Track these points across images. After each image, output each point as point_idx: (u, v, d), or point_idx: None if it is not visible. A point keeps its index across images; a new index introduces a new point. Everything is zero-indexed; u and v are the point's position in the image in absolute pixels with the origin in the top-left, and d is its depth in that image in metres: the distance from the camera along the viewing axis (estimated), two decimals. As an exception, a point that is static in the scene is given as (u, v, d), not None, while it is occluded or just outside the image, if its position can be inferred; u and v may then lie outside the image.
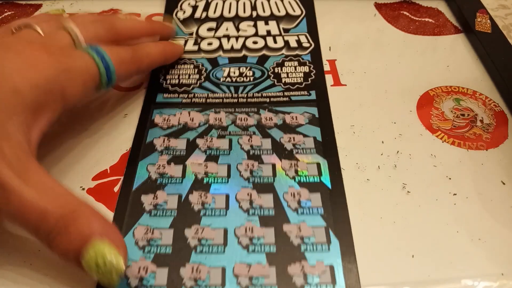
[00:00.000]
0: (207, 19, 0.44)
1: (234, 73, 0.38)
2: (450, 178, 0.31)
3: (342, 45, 0.42)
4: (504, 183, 0.31)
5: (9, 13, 0.46)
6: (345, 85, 0.38)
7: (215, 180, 0.30)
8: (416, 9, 0.47)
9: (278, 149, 0.32)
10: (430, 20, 0.46)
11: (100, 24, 0.32)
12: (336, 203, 0.29)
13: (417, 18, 0.46)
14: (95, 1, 0.47)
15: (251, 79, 0.38)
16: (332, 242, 0.27)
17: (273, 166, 0.31)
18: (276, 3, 0.45)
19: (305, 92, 0.36)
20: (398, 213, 0.29)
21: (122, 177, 0.30)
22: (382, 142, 0.33)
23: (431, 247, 0.27)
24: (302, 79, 0.37)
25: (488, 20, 0.44)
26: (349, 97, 0.37)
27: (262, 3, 0.45)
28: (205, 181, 0.30)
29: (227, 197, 0.29)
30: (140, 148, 0.32)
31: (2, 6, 0.46)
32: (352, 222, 0.28)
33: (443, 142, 0.33)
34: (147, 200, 0.29)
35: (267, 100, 0.36)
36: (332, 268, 0.25)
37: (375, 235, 0.28)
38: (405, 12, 0.47)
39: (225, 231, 0.27)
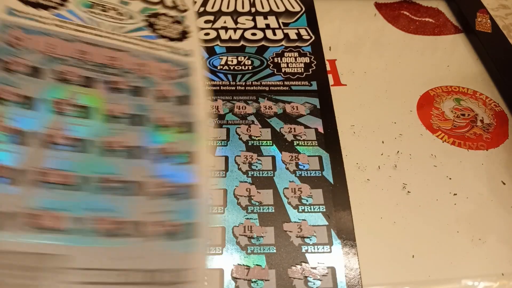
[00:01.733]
0: (205, 12, 0.43)
1: (232, 61, 0.38)
2: (450, 178, 0.31)
3: (342, 45, 0.42)
4: (504, 183, 0.31)
5: (9, 13, 0.46)
6: (345, 85, 0.38)
7: (212, 174, 0.29)
8: (416, 9, 0.47)
9: (278, 140, 0.31)
10: (430, 20, 0.46)
11: None
12: (338, 200, 0.28)
13: (417, 18, 0.46)
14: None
15: (250, 68, 0.37)
16: (334, 243, 0.26)
17: (273, 158, 0.30)
18: (275, 0, 0.45)
19: (306, 83, 0.36)
20: (398, 213, 0.29)
21: None
22: (382, 142, 0.33)
23: (431, 247, 0.27)
24: (302, 69, 0.37)
25: (488, 20, 0.44)
26: (349, 97, 0.37)
27: (261, 0, 0.45)
28: None
29: (225, 192, 0.29)
30: None
31: (2, 6, 0.46)
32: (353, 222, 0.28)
33: (443, 142, 0.33)
34: None
35: (267, 88, 0.35)
36: (333, 270, 0.25)
37: (375, 235, 0.28)
38: (405, 12, 0.47)
39: (223, 230, 0.27)
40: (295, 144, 0.31)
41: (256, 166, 0.30)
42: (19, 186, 0.23)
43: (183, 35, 0.34)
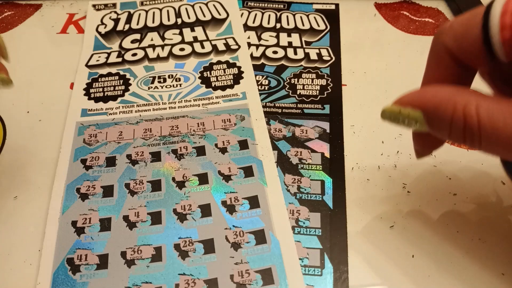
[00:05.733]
0: None
1: None
2: (450, 178, 0.31)
3: (342, 45, 0.42)
4: (504, 183, 0.31)
5: (9, 13, 0.46)
6: (345, 85, 0.38)
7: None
8: (416, 9, 0.47)
9: (283, 163, 0.31)
10: (430, 20, 0.46)
11: None
12: (335, 225, 0.28)
13: (417, 18, 0.46)
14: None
15: (266, 88, 0.37)
16: (326, 267, 0.26)
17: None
18: (301, 17, 0.44)
19: (319, 106, 0.35)
20: (398, 213, 0.29)
21: None
22: (382, 142, 0.33)
23: (431, 247, 0.27)
24: (317, 91, 0.37)
25: (488, 20, 0.43)
26: (349, 97, 0.37)
27: (287, 16, 0.44)
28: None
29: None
30: None
31: (2, 6, 0.46)
32: (351, 222, 0.28)
33: (443, 142, 0.33)
34: None
35: (279, 110, 0.35)
36: None
37: (375, 235, 0.28)
38: (405, 12, 0.47)
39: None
40: (299, 167, 0.31)
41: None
42: (108, 269, 0.25)
43: (237, 78, 0.37)
